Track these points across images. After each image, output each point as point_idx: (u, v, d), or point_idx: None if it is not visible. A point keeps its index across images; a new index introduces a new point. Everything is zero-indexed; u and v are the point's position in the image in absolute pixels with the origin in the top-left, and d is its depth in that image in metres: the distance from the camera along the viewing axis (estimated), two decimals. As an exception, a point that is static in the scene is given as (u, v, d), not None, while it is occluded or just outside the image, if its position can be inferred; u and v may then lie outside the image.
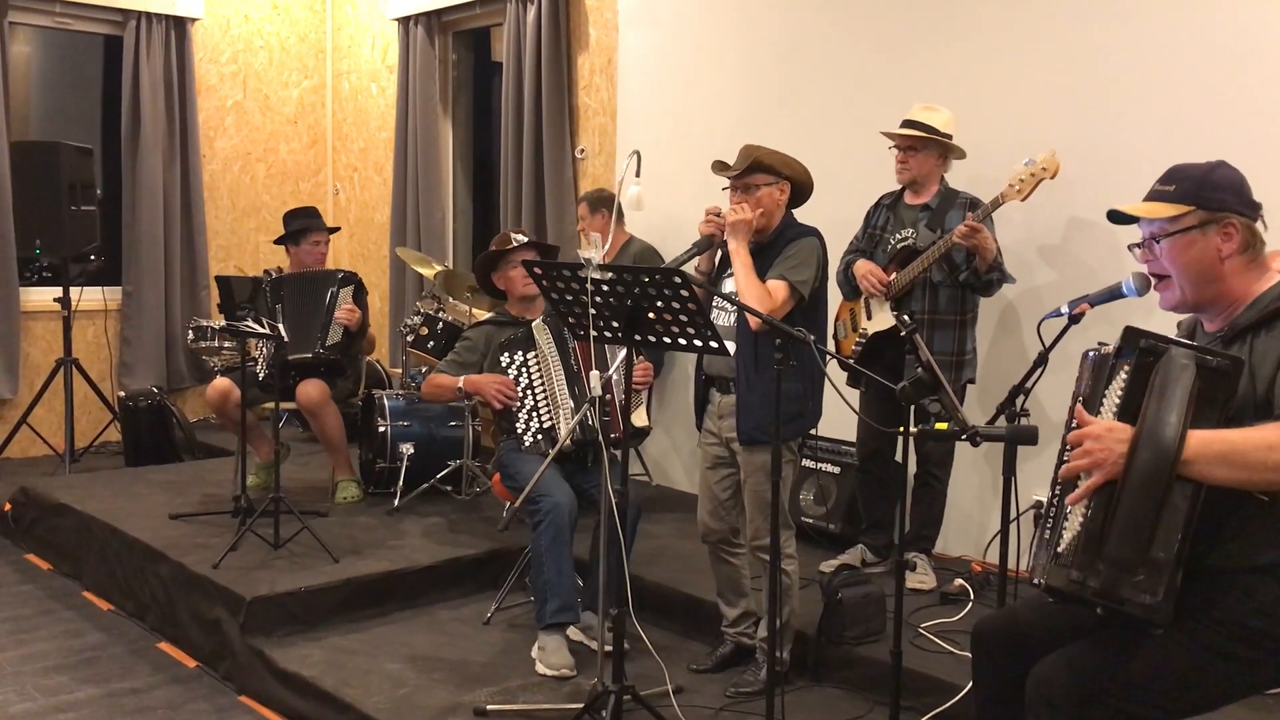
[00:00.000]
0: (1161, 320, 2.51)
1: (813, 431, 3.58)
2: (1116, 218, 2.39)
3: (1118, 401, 2.17)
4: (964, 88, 4.58)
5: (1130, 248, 2.43)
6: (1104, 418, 2.18)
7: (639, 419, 4.16)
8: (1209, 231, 2.26)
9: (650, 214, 5.03)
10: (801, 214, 3.62)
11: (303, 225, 5.57)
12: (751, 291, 3.35)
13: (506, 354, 4.16)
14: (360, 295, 5.48)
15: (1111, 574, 2.10)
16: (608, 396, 3.94)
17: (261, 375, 5.27)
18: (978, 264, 4.03)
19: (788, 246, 3.46)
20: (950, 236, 3.99)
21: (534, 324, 4.18)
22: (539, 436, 4.02)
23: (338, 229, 5.81)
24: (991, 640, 2.49)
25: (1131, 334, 2.18)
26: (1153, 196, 2.35)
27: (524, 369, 4.12)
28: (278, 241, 5.72)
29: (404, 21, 7.21)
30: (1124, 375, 2.17)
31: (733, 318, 3.50)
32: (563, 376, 4.07)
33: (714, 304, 3.56)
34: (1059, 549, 2.18)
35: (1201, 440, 2.06)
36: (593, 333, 3.05)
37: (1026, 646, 2.38)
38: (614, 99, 6.13)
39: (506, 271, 4.45)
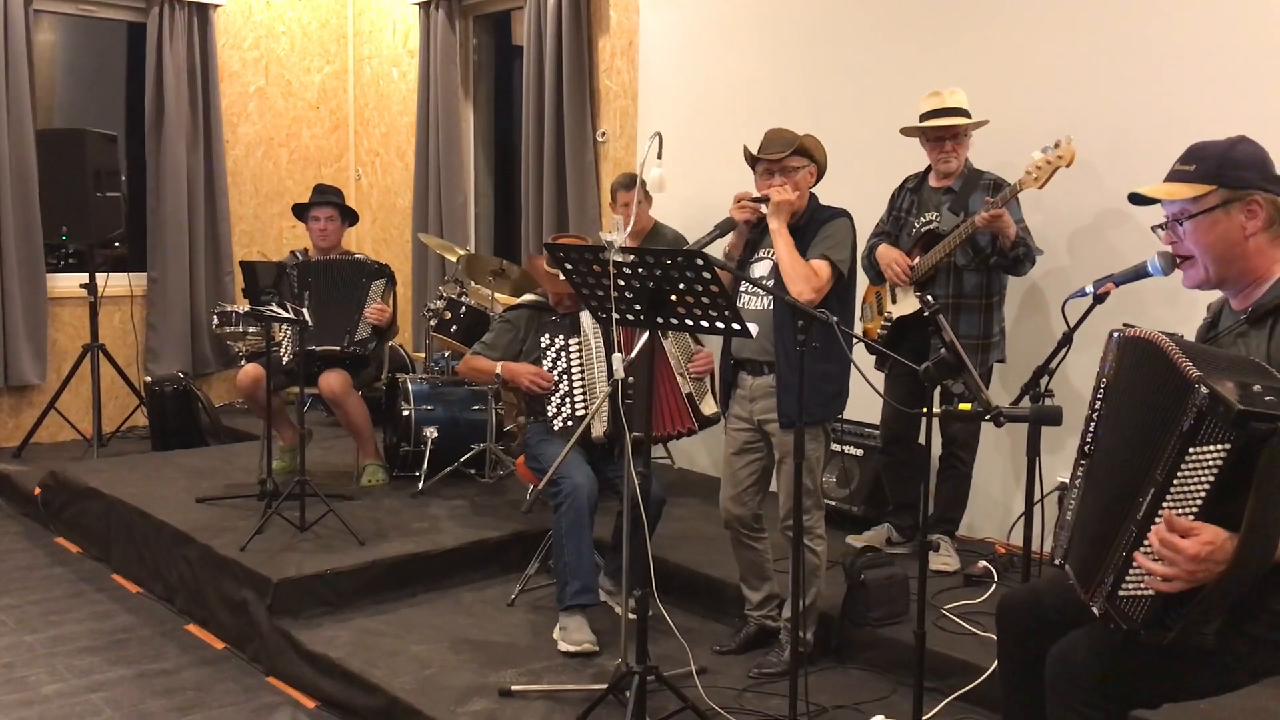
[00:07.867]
0: (1189, 299, 2.48)
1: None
2: (1138, 200, 2.37)
3: (1209, 482, 1.97)
4: (987, 70, 4.54)
5: (1154, 229, 2.41)
6: (1184, 494, 2.00)
7: (708, 407, 4.15)
8: (1232, 210, 2.23)
9: (671, 196, 5.02)
10: (823, 197, 3.62)
11: (313, 202, 5.59)
12: (797, 270, 3.37)
13: (547, 335, 4.13)
14: (390, 289, 5.49)
15: (1187, 631, 2.05)
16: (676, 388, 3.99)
17: (286, 360, 5.30)
18: (1001, 243, 4.02)
19: (823, 228, 3.49)
20: (972, 221, 3.98)
21: (583, 313, 4.11)
22: (570, 423, 4.01)
23: (351, 214, 5.75)
24: (1015, 616, 2.49)
25: (1244, 416, 1.89)
26: (1173, 177, 2.33)
27: (564, 353, 4.09)
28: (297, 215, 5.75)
29: (425, 6, 7.20)
30: (1219, 453, 1.95)
31: (764, 301, 3.50)
32: (605, 368, 4.04)
33: (742, 288, 3.56)
34: (1120, 591, 2.09)
35: None
36: (614, 315, 3.06)
37: (1050, 623, 2.37)
38: (635, 82, 6.11)
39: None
